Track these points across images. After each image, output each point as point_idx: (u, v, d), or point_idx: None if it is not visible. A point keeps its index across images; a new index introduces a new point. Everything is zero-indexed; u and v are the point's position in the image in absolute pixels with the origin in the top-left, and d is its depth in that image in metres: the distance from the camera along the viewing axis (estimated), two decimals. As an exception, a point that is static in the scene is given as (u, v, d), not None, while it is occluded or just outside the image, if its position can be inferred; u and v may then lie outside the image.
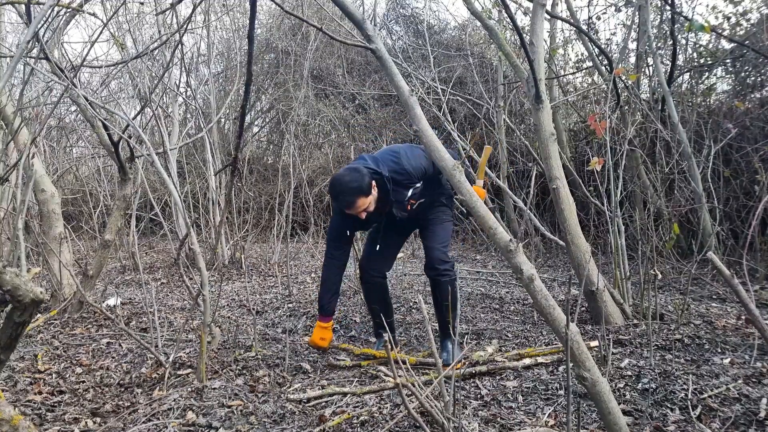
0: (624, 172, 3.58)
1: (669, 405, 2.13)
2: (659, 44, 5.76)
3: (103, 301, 4.21)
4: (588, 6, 7.03)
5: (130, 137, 3.69)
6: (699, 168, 4.41)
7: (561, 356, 2.70)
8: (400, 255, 3.45)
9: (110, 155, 4.25)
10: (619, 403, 2.09)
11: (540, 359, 2.69)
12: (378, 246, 2.98)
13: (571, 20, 5.44)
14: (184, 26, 2.99)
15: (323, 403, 2.38)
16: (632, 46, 5.77)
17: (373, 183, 2.65)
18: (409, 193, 2.79)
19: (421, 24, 8.61)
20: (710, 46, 5.73)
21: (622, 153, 3.50)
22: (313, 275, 5.37)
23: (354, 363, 2.89)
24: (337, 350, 3.15)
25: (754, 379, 2.28)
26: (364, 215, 2.67)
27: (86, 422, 2.30)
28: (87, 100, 3.26)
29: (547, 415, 2.15)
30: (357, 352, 3.02)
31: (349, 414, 2.23)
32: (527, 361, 2.69)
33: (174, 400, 2.39)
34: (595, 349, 2.73)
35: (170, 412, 2.29)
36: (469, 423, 2.08)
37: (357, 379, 2.71)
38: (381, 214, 2.82)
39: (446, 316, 2.75)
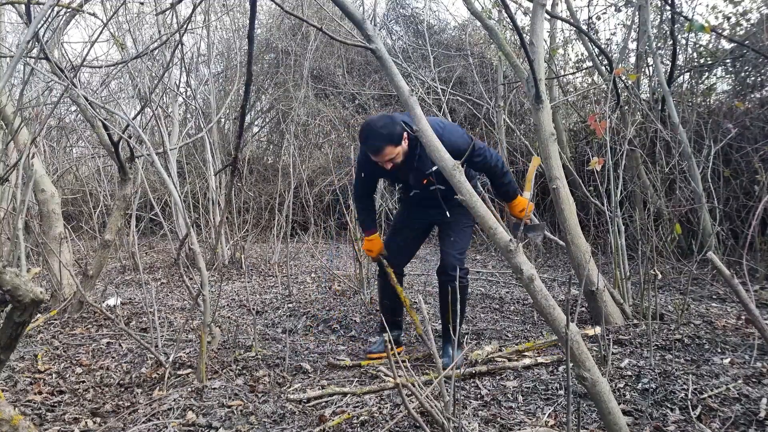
0: (624, 172, 3.58)
1: (669, 405, 2.13)
2: (659, 44, 5.76)
3: (103, 301, 4.21)
4: (588, 6, 7.03)
5: (130, 137, 3.69)
6: (699, 168, 4.41)
7: (560, 356, 2.70)
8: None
9: (110, 155, 4.25)
10: (619, 403, 2.09)
11: (540, 359, 2.69)
12: (398, 238, 3.04)
13: (571, 20, 5.44)
14: (184, 26, 2.99)
15: (323, 403, 2.38)
16: (632, 46, 5.78)
17: (405, 135, 2.61)
18: (434, 168, 2.68)
19: (421, 24, 8.61)
20: (710, 46, 5.73)
21: (622, 153, 3.50)
22: (313, 275, 5.38)
23: (354, 363, 2.89)
24: (337, 350, 3.15)
25: (754, 379, 2.28)
26: (389, 165, 2.65)
27: (86, 422, 2.30)
28: (87, 100, 3.26)
29: (547, 415, 2.15)
30: (363, 363, 2.97)
31: (349, 414, 2.23)
32: (527, 361, 2.70)
33: (174, 400, 2.39)
34: (595, 348, 2.73)
35: (170, 412, 2.29)
36: (469, 423, 2.08)
37: (357, 379, 2.71)
38: (398, 175, 2.83)
39: (452, 319, 2.70)
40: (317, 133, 9.24)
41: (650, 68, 5.50)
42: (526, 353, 2.87)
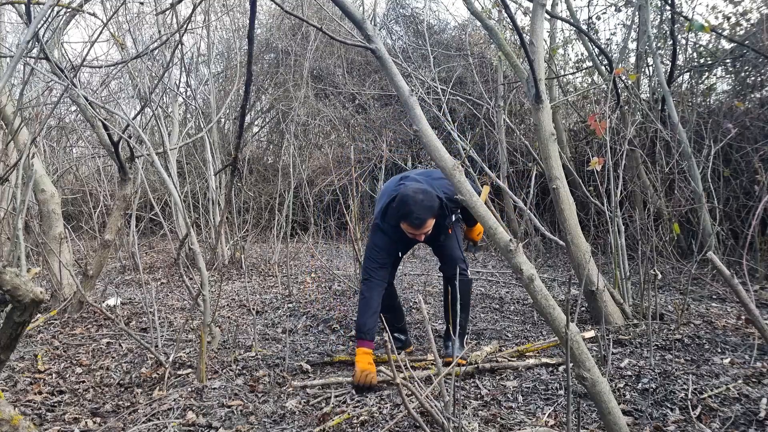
0: (624, 172, 3.57)
1: (669, 405, 2.13)
2: (659, 44, 5.76)
3: (103, 301, 4.21)
4: (588, 6, 7.04)
5: (130, 137, 3.69)
6: (699, 168, 4.41)
7: (560, 357, 2.70)
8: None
9: (110, 155, 4.25)
10: (619, 403, 2.09)
11: (545, 359, 2.69)
12: (387, 259, 2.90)
13: (571, 20, 5.44)
14: (184, 26, 2.99)
15: (323, 404, 2.38)
16: (632, 46, 5.77)
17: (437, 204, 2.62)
18: (453, 218, 2.81)
19: (421, 24, 8.61)
20: (710, 46, 5.73)
21: (622, 153, 3.50)
22: (313, 275, 5.38)
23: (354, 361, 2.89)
24: (337, 351, 3.15)
25: (754, 379, 2.28)
26: (423, 237, 2.64)
27: (86, 422, 2.30)
28: (87, 100, 3.26)
29: (547, 415, 2.15)
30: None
31: (349, 414, 2.23)
32: (531, 360, 2.70)
33: (174, 400, 2.39)
34: (595, 348, 2.73)
35: (170, 412, 2.29)
36: (469, 423, 2.08)
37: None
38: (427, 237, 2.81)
39: (458, 316, 2.60)
40: (317, 133, 9.24)
41: (650, 68, 5.50)
42: (527, 354, 2.87)
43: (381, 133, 7.84)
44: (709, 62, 5.58)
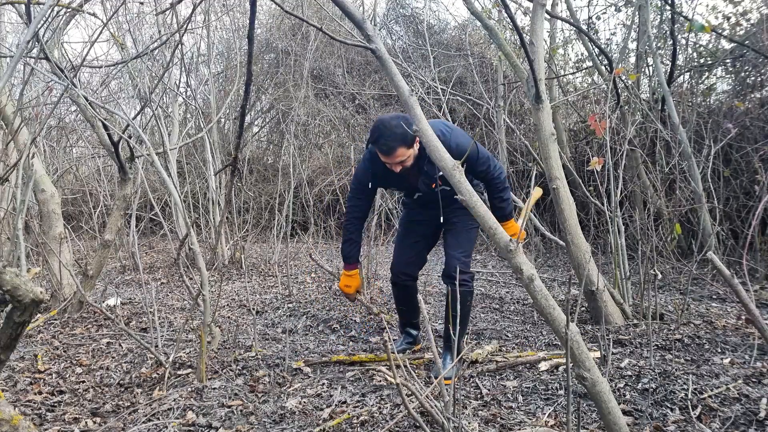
0: (624, 172, 3.58)
1: (669, 405, 2.13)
2: (659, 44, 5.76)
3: (103, 301, 4.21)
4: (588, 6, 7.05)
5: (130, 137, 3.69)
6: (699, 168, 4.41)
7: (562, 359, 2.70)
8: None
9: (110, 155, 4.25)
10: (619, 403, 2.09)
11: (542, 366, 2.69)
12: (408, 248, 2.96)
13: (571, 20, 5.44)
14: (184, 26, 2.99)
15: (323, 405, 2.39)
16: (632, 46, 5.78)
17: (417, 138, 2.49)
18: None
19: (421, 24, 8.61)
20: (710, 46, 5.73)
21: (622, 153, 3.50)
22: (313, 275, 5.38)
23: (354, 361, 2.90)
24: (337, 351, 3.15)
25: (754, 379, 2.28)
26: (398, 168, 2.59)
27: (86, 422, 2.30)
28: (87, 100, 3.26)
29: (547, 415, 2.15)
30: (356, 359, 2.97)
31: (349, 414, 2.23)
32: (535, 359, 2.70)
33: (174, 400, 2.39)
34: (595, 348, 2.73)
35: (170, 412, 2.29)
36: (469, 423, 2.08)
37: (357, 378, 2.71)
38: (407, 179, 2.74)
39: (453, 327, 2.50)
40: (317, 133, 9.24)
41: (650, 68, 5.50)
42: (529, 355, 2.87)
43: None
44: (709, 62, 5.59)
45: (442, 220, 2.75)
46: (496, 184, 2.77)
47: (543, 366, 2.64)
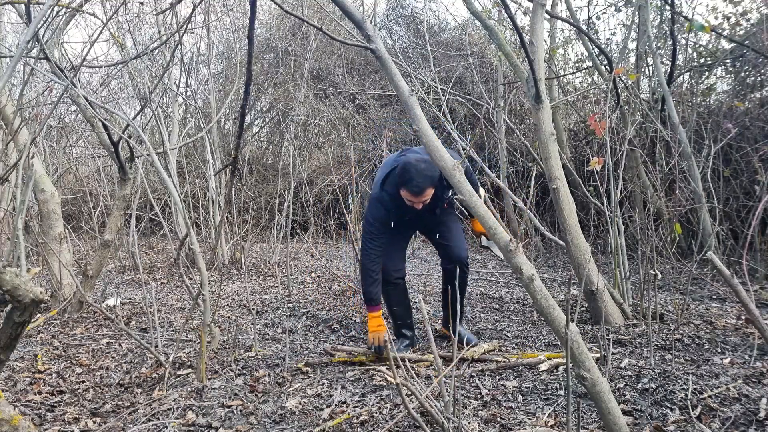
0: (624, 172, 3.58)
1: (669, 405, 2.13)
2: (659, 44, 5.76)
3: (103, 301, 4.21)
4: (588, 6, 7.04)
5: (130, 137, 3.69)
6: (699, 168, 4.41)
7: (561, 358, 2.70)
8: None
9: (110, 155, 4.25)
10: (619, 403, 2.09)
11: (542, 366, 2.69)
12: (394, 248, 3.07)
13: (571, 20, 5.44)
14: (184, 26, 2.99)
15: (323, 405, 2.38)
16: (632, 46, 5.77)
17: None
18: (450, 193, 2.93)
19: (421, 24, 8.61)
20: (710, 46, 5.73)
21: (622, 153, 3.50)
22: (313, 275, 5.38)
23: (354, 361, 2.90)
24: (338, 351, 3.15)
25: (754, 379, 2.28)
26: (420, 206, 2.76)
27: (86, 422, 2.30)
28: (87, 100, 3.26)
29: (547, 415, 2.15)
30: (356, 359, 2.97)
31: (349, 414, 2.23)
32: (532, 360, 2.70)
33: (174, 400, 2.40)
34: (595, 348, 2.73)
35: (170, 412, 2.29)
36: (469, 423, 2.08)
37: (357, 378, 2.71)
38: (422, 208, 2.89)
39: (460, 306, 2.88)
40: (317, 133, 9.24)
41: (650, 68, 5.50)
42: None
43: (381, 133, 7.84)
44: (709, 62, 5.58)
45: (438, 212, 3.02)
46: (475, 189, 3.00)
47: (543, 366, 2.64)
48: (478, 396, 2.38)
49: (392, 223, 2.92)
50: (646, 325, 3.03)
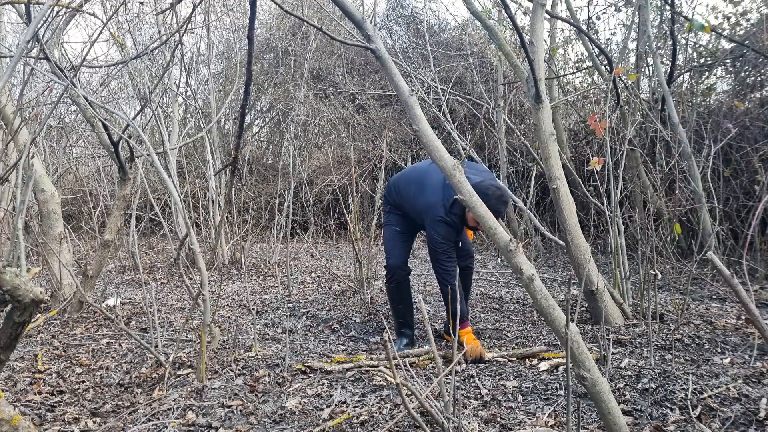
0: (624, 172, 3.58)
1: (669, 405, 2.13)
2: (659, 44, 5.76)
3: (103, 301, 4.21)
4: (588, 6, 7.04)
5: (130, 137, 3.69)
6: (699, 168, 4.41)
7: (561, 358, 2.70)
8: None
9: (110, 155, 4.25)
10: (619, 403, 2.09)
11: (542, 366, 2.69)
12: (402, 243, 3.24)
13: (571, 20, 5.44)
14: (184, 26, 2.99)
15: (323, 405, 2.38)
16: (632, 46, 5.77)
17: None
18: None
19: (421, 24, 8.61)
20: (710, 46, 5.73)
21: (622, 153, 3.50)
22: (313, 275, 5.38)
23: (354, 362, 2.89)
24: (337, 351, 3.15)
25: (754, 379, 2.28)
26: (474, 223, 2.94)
27: (86, 422, 2.30)
28: (87, 100, 3.26)
29: (547, 415, 2.15)
30: (356, 360, 3.00)
31: (349, 414, 2.23)
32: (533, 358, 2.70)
33: (174, 400, 2.39)
34: (595, 348, 2.73)
35: (170, 412, 2.29)
36: (469, 423, 2.08)
37: (357, 378, 2.71)
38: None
39: (465, 301, 3.08)
40: (317, 133, 9.24)
41: (650, 68, 5.50)
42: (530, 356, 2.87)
43: (381, 133, 7.84)
44: (709, 62, 5.59)
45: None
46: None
47: (543, 366, 2.64)
48: (478, 396, 2.38)
49: (458, 241, 3.09)
50: (646, 325, 3.03)
